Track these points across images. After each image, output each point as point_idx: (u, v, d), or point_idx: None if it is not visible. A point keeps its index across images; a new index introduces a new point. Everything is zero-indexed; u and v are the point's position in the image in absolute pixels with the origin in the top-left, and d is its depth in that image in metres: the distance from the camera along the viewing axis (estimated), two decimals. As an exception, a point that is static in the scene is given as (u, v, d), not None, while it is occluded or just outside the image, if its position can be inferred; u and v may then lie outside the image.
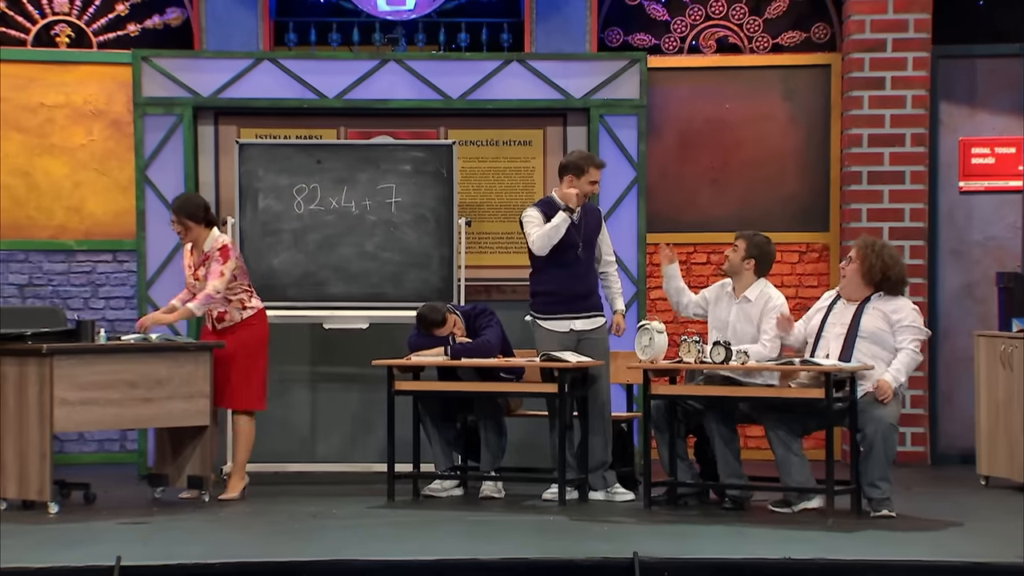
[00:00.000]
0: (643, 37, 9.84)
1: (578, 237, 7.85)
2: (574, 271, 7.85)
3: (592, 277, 7.94)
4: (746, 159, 9.77)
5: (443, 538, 6.71)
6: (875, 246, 7.52)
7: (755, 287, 7.74)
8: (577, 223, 7.86)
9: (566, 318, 7.86)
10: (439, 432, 8.08)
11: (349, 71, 9.10)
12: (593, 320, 7.89)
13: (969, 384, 8.75)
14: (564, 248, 7.81)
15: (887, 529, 6.94)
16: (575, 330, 7.86)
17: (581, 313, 7.86)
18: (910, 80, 9.39)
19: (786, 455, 7.29)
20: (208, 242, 7.89)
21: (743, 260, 7.73)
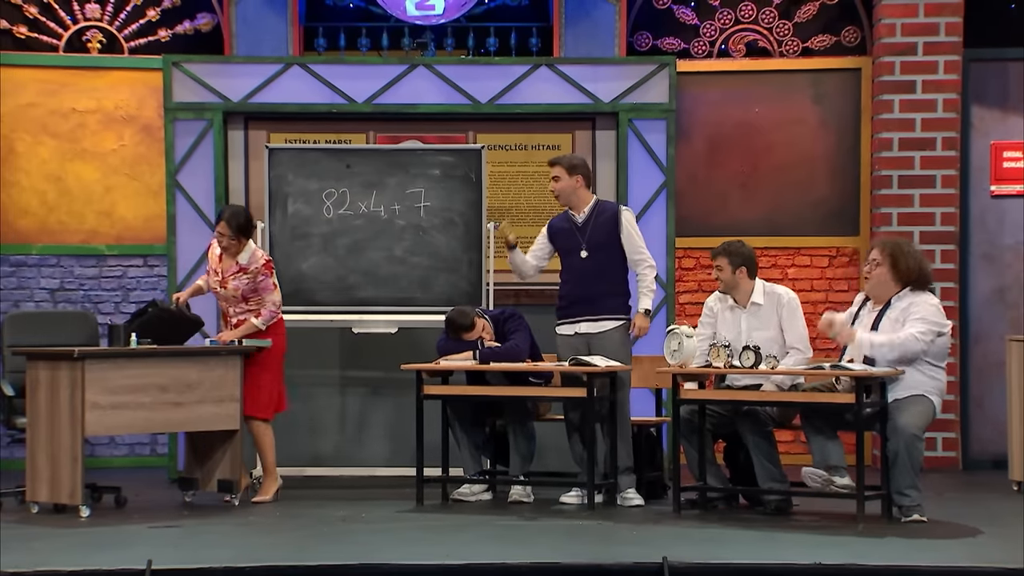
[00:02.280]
0: (672, 41, 9.83)
1: (581, 240, 7.84)
2: (579, 274, 7.85)
3: (606, 280, 7.85)
4: (776, 163, 9.75)
5: (472, 542, 6.71)
6: (904, 246, 7.49)
7: (757, 291, 7.73)
8: (581, 225, 7.86)
9: (572, 322, 7.87)
10: (468, 436, 8.08)
11: (378, 76, 9.12)
12: (601, 323, 7.85)
13: (1001, 389, 8.70)
14: (568, 252, 7.88)
15: (918, 535, 6.90)
16: (580, 333, 7.85)
17: (586, 316, 7.84)
18: (941, 84, 9.35)
19: (825, 439, 7.25)
20: (246, 255, 7.91)
21: (734, 273, 7.71)
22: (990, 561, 6.11)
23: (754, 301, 7.71)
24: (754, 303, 7.71)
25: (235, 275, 7.92)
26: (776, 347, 7.61)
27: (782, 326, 7.64)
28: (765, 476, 7.48)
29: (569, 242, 7.90)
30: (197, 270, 9.06)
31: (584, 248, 7.85)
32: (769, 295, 7.70)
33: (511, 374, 8.03)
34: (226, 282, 7.95)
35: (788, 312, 7.66)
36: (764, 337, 7.61)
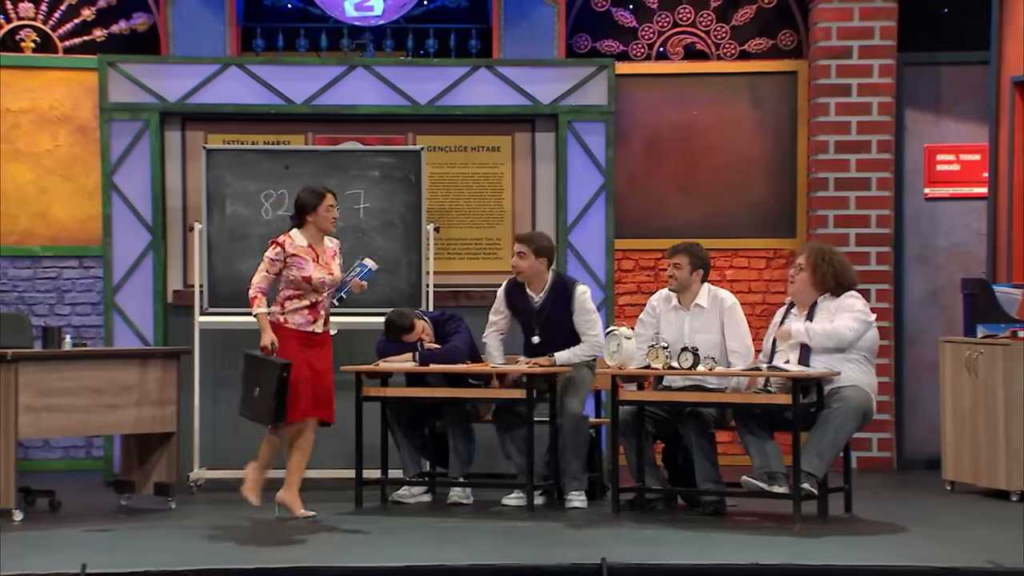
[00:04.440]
0: (611, 43, 9.87)
1: (535, 324, 7.92)
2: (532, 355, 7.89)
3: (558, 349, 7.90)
4: (714, 165, 9.81)
5: (411, 544, 6.70)
6: (825, 253, 7.60)
7: (703, 294, 7.79)
8: (537, 308, 7.91)
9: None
10: (407, 438, 8.07)
11: (317, 77, 9.09)
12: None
13: (935, 390, 8.80)
14: (522, 330, 7.97)
15: (853, 534, 6.97)
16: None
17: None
18: (876, 87, 9.45)
19: (763, 443, 7.32)
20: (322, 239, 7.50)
21: (691, 273, 7.77)
22: (923, 560, 6.19)
23: (698, 303, 7.77)
24: (698, 305, 7.77)
25: (334, 257, 7.55)
26: (718, 351, 7.67)
27: (725, 331, 7.71)
28: (705, 477, 7.53)
29: (524, 320, 7.98)
30: (134, 271, 8.99)
31: (537, 333, 7.92)
32: (713, 299, 7.76)
33: (451, 376, 8.03)
34: (332, 268, 7.53)
35: (730, 317, 7.73)
36: (706, 340, 7.66)
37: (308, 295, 7.38)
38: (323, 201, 7.42)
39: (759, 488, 7.22)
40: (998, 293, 8.28)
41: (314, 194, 7.45)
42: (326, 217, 7.42)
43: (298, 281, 7.36)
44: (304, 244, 7.41)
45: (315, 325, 7.41)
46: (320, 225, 7.43)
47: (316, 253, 7.41)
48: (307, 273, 7.35)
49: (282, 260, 7.36)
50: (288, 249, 7.37)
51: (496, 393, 8.00)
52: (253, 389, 7.33)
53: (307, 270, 7.36)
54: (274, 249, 7.40)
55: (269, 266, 7.39)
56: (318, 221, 7.42)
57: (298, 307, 7.38)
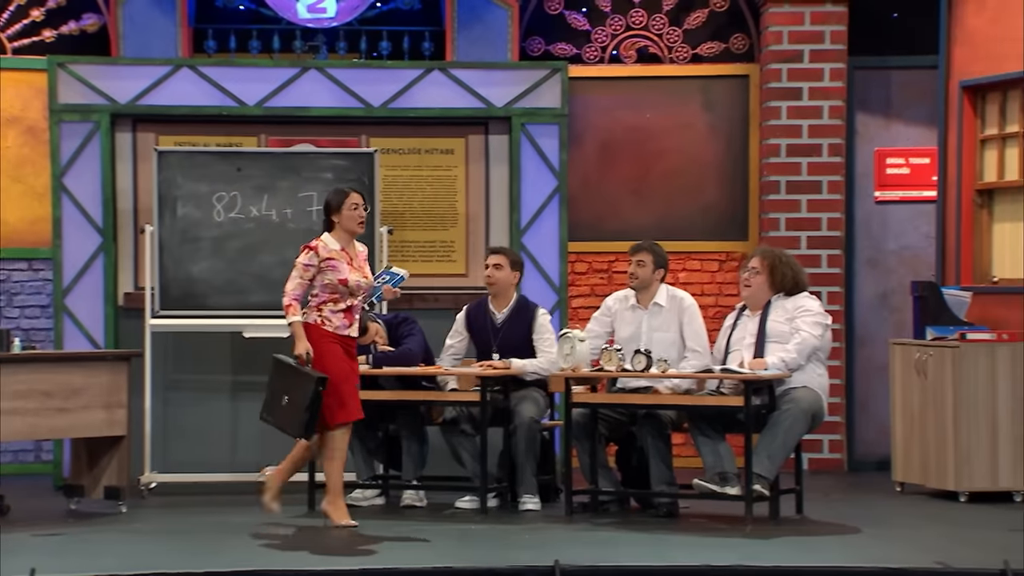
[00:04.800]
0: (564, 47, 9.89)
1: (493, 342, 7.96)
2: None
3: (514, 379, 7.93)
4: (667, 168, 9.84)
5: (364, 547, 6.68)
6: (781, 256, 7.68)
7: (661, 293, 7.84)
8: (498, 326, 7.96)
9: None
10: (360, 441, 8.05)
11: (269, 79, 9.06)
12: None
13: (885, 392, 8.87)
14: (480, 351, 7.99)
15: (805, 535, 7.02)
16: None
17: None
18: (827, 91, 9.52)
19: (715, 445, 7.35)
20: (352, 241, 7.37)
21: (654, 272, 7.81)
22: (873, 561, 6.24)
23: (657, 302, 7.81)
24: (656, 304, 7.81)
25: (365, 261, 7.42)
26: (675, 350, 7.72)
27: (684, 330, 7.75)
28: (659, 478, 7.56)
29: (483, 341, 8.00)
30: (84, 274, 8.93)
31: (496, 351, 7.94)
32: (672, 298, 7.81)
33: (404, 378, 8.02)
34: (366, 272, 7.40)
35: (689, 317, 7.78)
36: (664, 339, 7.70)
37: (344, 299, 7.21)
38: (346, 200, 7.24)
39: (711, 490, 7.26)
40: (947, 296, 8.36)
41: (337, 193, 7.29)
42: (351, 217, 7.24)
43: (334, 285, 7.19)
44: (337, 247, 7.23)
45: (351, 329, 7.27)
46: (346, 226, 7.25)
47: (349, 256, 7.27)
48: (343, 276, 7.19)
49: (316, 265, 7.18)
50: (322, 253, 7.19)
51: (450, 396, 8.00)
52: (281, 397, 7.16)
53: (343, 273, 7.19)
54: (307, 254, 7.21)
55: (303, 272, 7.19)
56: (343, 222, 7.25)
57: (335, 310, 7.23)
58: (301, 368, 7.10)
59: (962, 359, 8.03)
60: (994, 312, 8.31)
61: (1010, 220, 8.46)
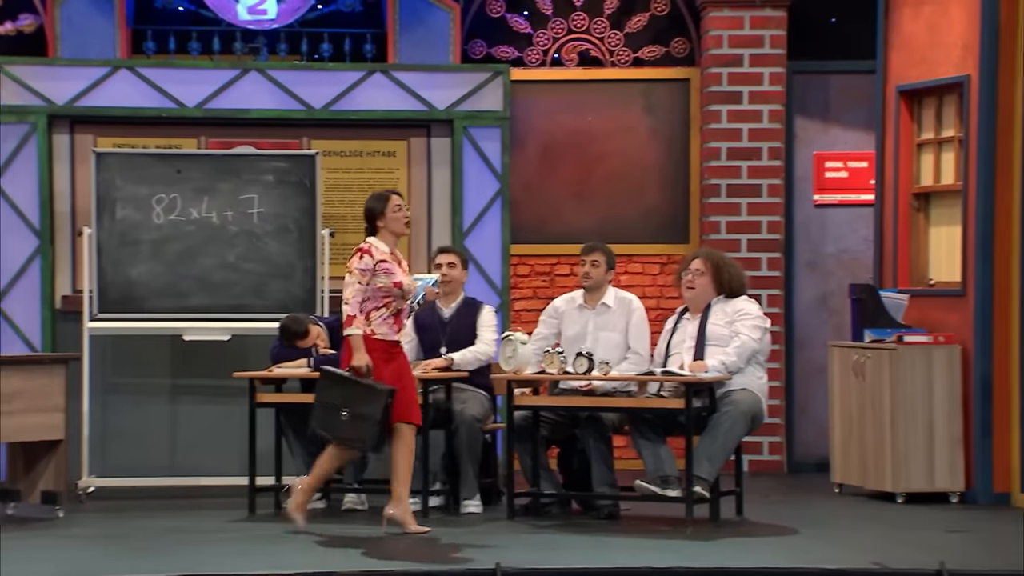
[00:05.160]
0: (506, 50, 9.90)
1: (442, 338, 7.99)
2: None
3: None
4: (608, 171, 9.88)
5: (304, 551, 6.67)
6: (723, 258, 7.75)
7: (609, 294, 7.89)
8: (446, 321, 8.01)
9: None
10: (301, 444, 8.02)
11: (209, 80, 9.01)
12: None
13: (824, 394, 8.94)
14: (429, 349, 7.99)
15: (745, 537, 7.07)
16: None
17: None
18: (767, 95, 9.59)
19: (656, 447, 7.39)
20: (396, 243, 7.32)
21: (606, 272, 7.87)
22: (812, 562, 6.29)
23: (605, 303, 7.85)
24: (604, 304, 7.85)
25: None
26: (620, 351, 7.77)
27: (629, 331, 7.79)
28: (601, 481, 7.59)
29: (431, 339, 8.02)
30: (20, 277, 8.84)
31: (444, 347, 7.96)
32: (620, 300, 7.87)
33: (345, 382, 8.00)
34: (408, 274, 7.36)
35: (637, 319, 7.83)
36: (609, 339, 7.75)
37: (395, 303, 7.13)
38: (389, 203, 7.18)
39: (652, 492, 7.30)
40: (885, 298, 8.44)
41: (380, 199, 7.21)
42: (396, 219, 7.18)
43: (388, 288, 7.09)
44: (387, 250, 7.15)
45: (398, 334, 7.20)
46: (392, 228, 7.18)
47: (397, 259, 7.21)
48: (398, 279, 7.11)
49: (371, 269, 7.08)
50: (375, 255, 7.11)
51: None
52: (339, 411, 7.03)
53: (397, 275, 7.11)
54: (363, 258, 7.10)
55: (360, 277, 7.07)
56: (390, 224, 7.17)
57: (384, 316, 7.13)
58: (362, 381, 7.00)
59: (899, 361, 8.11)
60: (931, 315, 8.40)
61: (946, 224, 8.56)
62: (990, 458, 8.01)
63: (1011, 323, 8.02)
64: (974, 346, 8.09)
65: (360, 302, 7.05)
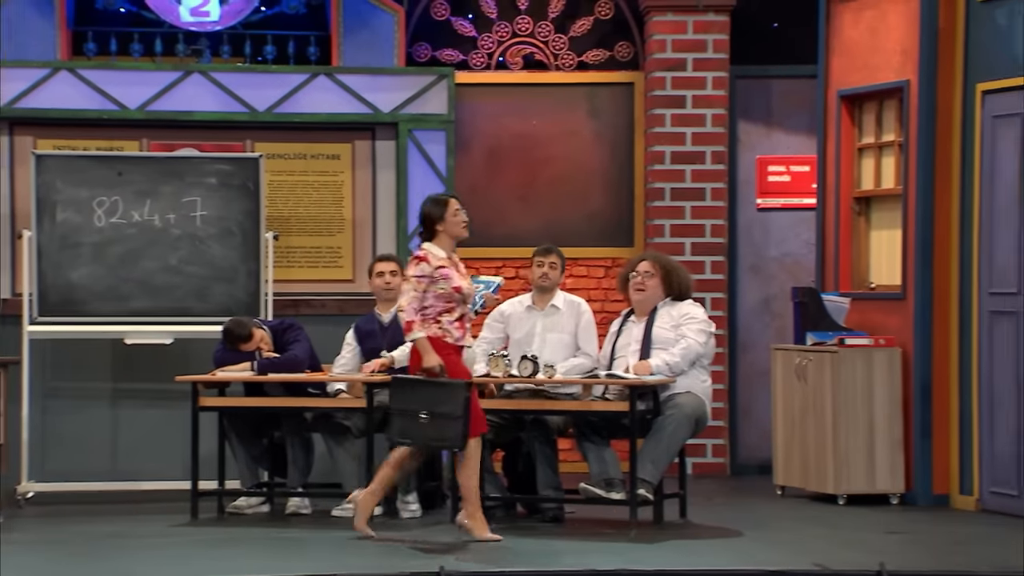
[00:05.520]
0: (451, 53, 9.90)
1: (383, 342, 7.98)
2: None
3: None
4: (553, 175, 9.90)
5: (248, 555, 6.64)
6: (671, 261, 7.81)
7: (559, 297, 7.92)
8: (386, 326, 8.02)
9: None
10: (245, 448, 7.99)
11: (151, 82, 8.95)
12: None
13: (767, 397, 9.00)
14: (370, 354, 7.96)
15: (688, 539, 7.10)
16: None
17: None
18: (710, 99, 9.64)
19: (600, 450, 7.41)
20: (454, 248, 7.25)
21: (561, 274, 7.90)
22: (754, 563, 6.34)
23: (554, 305, 7.89)
24: (554, 306, 7.89)
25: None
26: (567, 352, 7.80)
27: (579, 334, 7.84)
28: (546, 483, 7.60)
29: (373, 345, 8.01)
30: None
31: (385, 351, 7.95)
32: (569, 303, 7.92)
33: (290, 385, 7.97)
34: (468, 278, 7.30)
35: (586, 321, 7.88)
36: (557, 340, 7.78)
37: (458, 307, 7.08)
38: (449, 207, 7.13)
39: (597, 494, 7.32)
40: (826, 302, 8.51)
41: (438, 204, 7.15)
42: (456, 223, 7.13)
43: (448, 294, 7.03)
44: (444, 255, 7.08)
45: (466, 339, 7.15)
46: (452, 232, 7.13)
47: (455, 263, 7.16)
48: (457, 283, 7.06)
49: (428, 275, 7.03)
50: (433, 262, 7.04)
51: (336, 402, 7.97)
52: (417, 415, 6.94)
53: (455, 280, 7.06)
54: (420, 265, 7.04)
55: (417, 284, 7.02)
56: (449, 229, 7.12)
57: (451, 320, 7.06)
58: (441, 380, 6.94)
59: (841, 364, 8.18)
60: (871, 318, 8.48)
61: (887, 227, 8.64)
62: (929, 460, 8.10)
63: (950, 326, 8.11)
64: (914, 349, 8.17)
65: (417, 308, 7.01)
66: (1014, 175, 7.77)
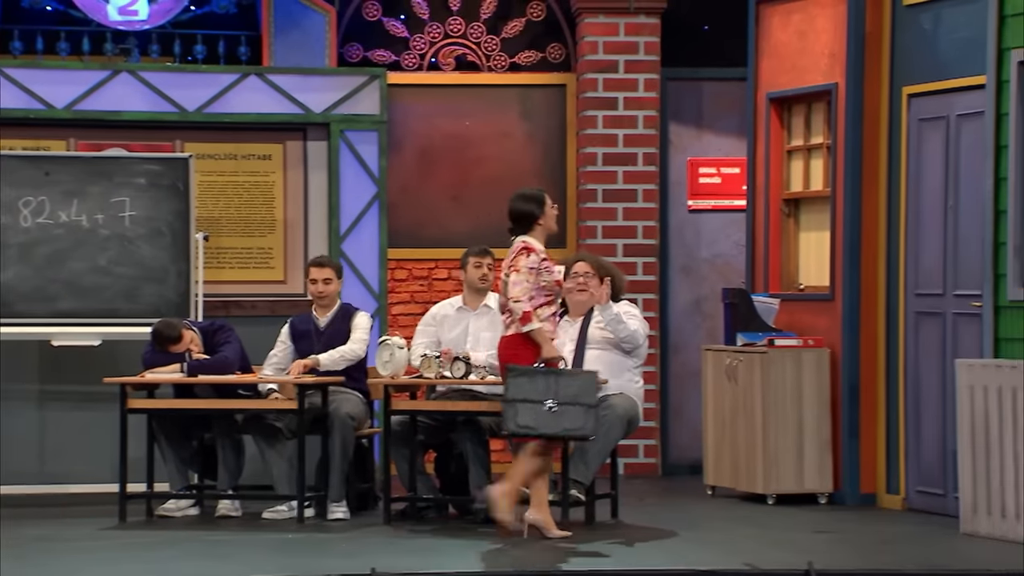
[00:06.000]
0: (383, 53, 9.87)
1: (317, 346, 7.93)
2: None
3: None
4: (486, 176, 9.90)
5: (177, 558, 6.59)
6: (605, 262, 7.83)
7: (490, 297, 7.96)
8: (322, 330, 7.98)
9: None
10: (174, 450, 7.93)
11: (79, 81, 8.87)
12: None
13: (698, 397, 9.06)
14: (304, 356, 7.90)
15: (619, 539, 7.13)
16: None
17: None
18: (641, 101, 9.69)
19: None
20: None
21: (494, 276, 7.93)
22: (685, 563, 6.37)
23: (487, 305, 7.93)
24: (486, 306, 7.93)
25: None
26: None
27: None
28: (478, 484, 7.60)
29: (306, 347, 7.97)
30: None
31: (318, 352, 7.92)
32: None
33: (220, 386, 7.93)
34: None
35: None
36: (491, 339, 7.79)
37: (554, 302, 7.12)
38: (546, 202, 7.16)
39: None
40: (756, 302, 8.58)
41: (538, 200, 7.14)
42: (552, 216, 7.17)
43: (550, 286, 7.04)
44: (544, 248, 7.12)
45: (554, 333, 7.16)
46: (549, 226, 7.15)
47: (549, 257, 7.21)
48: (558, 277, 7.11)
49: (537, 266, 6.98)
50: (540, 254, 7.03)
51: (268, 404, 7.93)
52: (542, 403, 6.89)
53: (556, 274, 7.11)
54: (530, 256, 6.98)
55: (529, 275, 6.97)
56: (547, 222, 7.13)
57: (548, 315, 7.08)
58: (567, 371, 6.99)
59: (770, 365, 8.25)
60: (800, 319, 8.56)
61: (815, 229, 8.72)
62: (857, 460, 8.19)
63: (877, 327, 8.21)
64: (842, 350, 8.25)
65: (530, 299, 6.98)
66: (939, 177, 7.87)
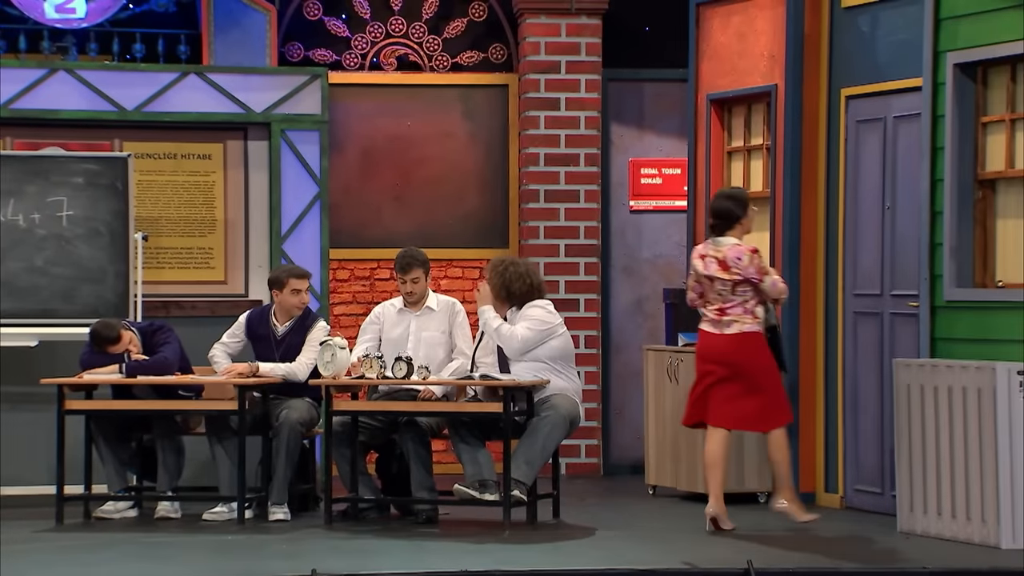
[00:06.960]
0: (324, 53, 9.84)
1: (275, 354, 7.92)
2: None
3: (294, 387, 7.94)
4: (428, 176, 9.90)
5: (115, 561, 6.55)
6: (499, 266, 7.68)
7: (432, 298, 7.99)
8: (279, 338, 7.97)
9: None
10: (112, 452, 7.88)
11: (15, 79, 8.79)
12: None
13: (640, 397, 9.10)
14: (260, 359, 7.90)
15: (561, 539, 7.16)
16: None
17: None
18: (583, 102, 9.72)
19: (475, 452, 7.42)
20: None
21: (427, 282, 7.99)
22: (625, 563, 6.41)
23: (429, 306, 7.95)
24: (428, 307, 7.94)
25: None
26: (442, 350, 7.87)
27: (455, 333, 7.92)
28: (420, 485, 7.60)
29: (265, 351, 7.96)
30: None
31: (276, 359, 7.90)
32: (442, 303, 8.00)
33: (160, 387, 7.88)
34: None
35: (462, 320, 7.97)
36: (432, 339, 7.82)
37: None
38: (749, 203, 7.42)
39: (471, 496, 7.34)
40: (697, 303, 8.61)
41: (743, 202, 7.36)
42: (752, 218, 7.44)
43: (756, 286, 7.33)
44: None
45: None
46: (748, 227, 7.40)
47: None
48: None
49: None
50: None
51: (206, 405, 7.89)
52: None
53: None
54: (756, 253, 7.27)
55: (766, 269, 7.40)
56: (748, 224, 7.40)
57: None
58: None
59: (711, 364, 8.27)
60: (741, 318, 8.59)
61: (755, 229, 8.76)
62: (795, 458, 8.24)
63: (816, 327, 8.27)
64: (782, 349, 8.31)
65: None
66: (877, 179, 7.95)
